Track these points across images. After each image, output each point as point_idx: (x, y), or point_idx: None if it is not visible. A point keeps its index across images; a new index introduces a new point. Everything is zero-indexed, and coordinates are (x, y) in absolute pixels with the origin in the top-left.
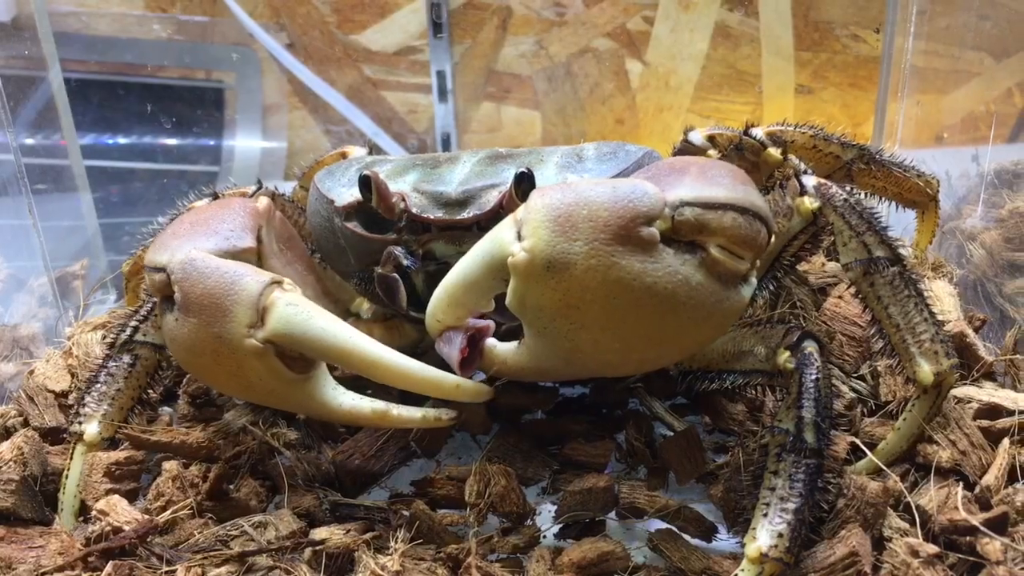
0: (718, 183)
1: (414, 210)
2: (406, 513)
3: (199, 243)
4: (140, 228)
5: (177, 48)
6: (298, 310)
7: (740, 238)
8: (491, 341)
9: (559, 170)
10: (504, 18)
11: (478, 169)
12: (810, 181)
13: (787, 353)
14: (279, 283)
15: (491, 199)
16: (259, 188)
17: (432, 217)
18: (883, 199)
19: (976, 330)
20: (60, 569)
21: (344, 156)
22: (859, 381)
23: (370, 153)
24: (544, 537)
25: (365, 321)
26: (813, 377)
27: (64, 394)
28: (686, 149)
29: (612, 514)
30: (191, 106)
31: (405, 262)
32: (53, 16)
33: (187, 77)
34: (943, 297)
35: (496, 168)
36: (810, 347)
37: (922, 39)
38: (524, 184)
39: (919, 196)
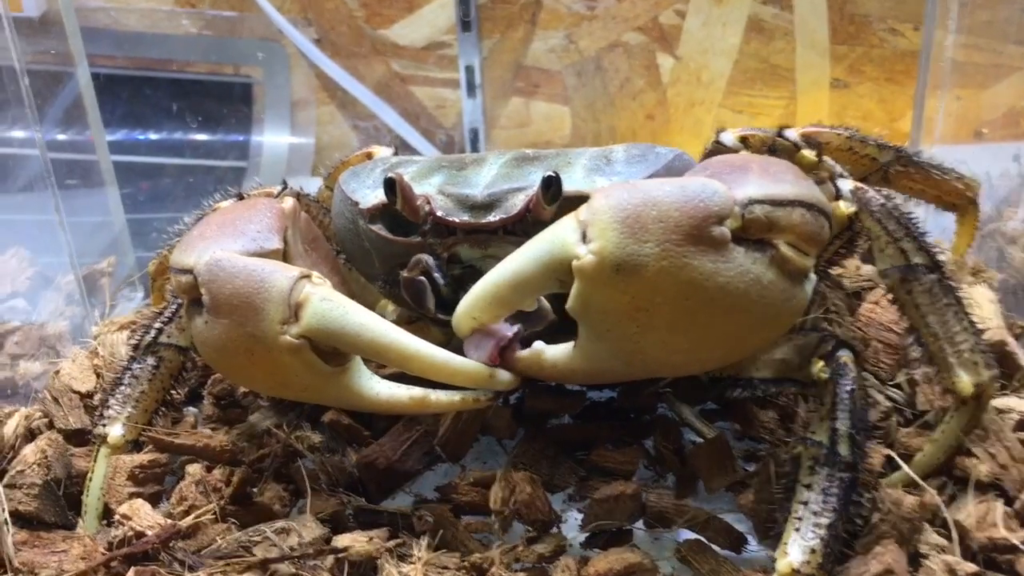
0: (783, 179)
1: (439, 213)
2: (430, 519)
3: (226, 244)
4: (168, 225)
5: (205, 43)
6: (333, 305)
7: (807, 234)
8: (539, 345)
9: (587, 173)
10: (533, 12)
11: (504, 172)
12: (846, 185)
13: (821, 363)
14: (308, 277)
15: (517, 203)
16: (284, 188)
17: (457, 220)
18: (921, 201)
19: (1017, 337)
20: (82, 574)
21: (370, 156)
22: (895, 389)
23: (396, 154)
24: (570, 546)
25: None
26: (848, 388)
27: (89, 395)
28: (717, 150)
29: (640, 523)
30: (219, 102)
31: (436, 274)
32: (81, 12)
33: (215, 72)
34: (983, 303)
35: (523, 171)
36: (845, 357)
37: (962, 33)
38: (552, 188)
39: (958, 199)
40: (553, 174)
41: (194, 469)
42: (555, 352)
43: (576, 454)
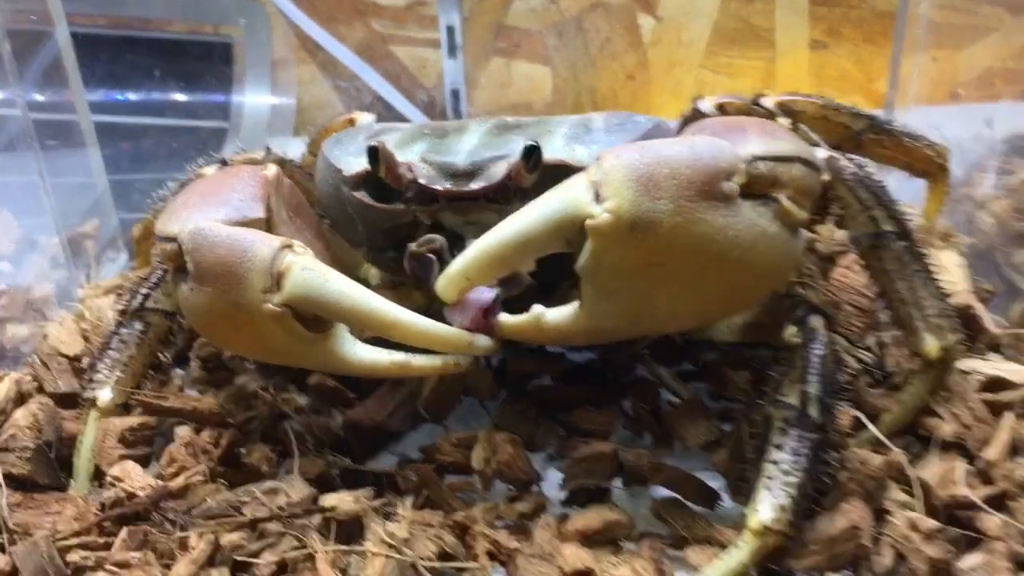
0: (780, 137)
1: (422, 181)
2: (414, 478)
3: (209, 213)
4: (150, 187)
5: (185, 3)
6: (314, 274)
7: (805, 188)
8: (539, 308)
9: (567, 141)
10: None
11: (486, 140)
12: (820, 154)
13: (793, 328)
14: (290, 246)
15: (499, 170)
16: (268, 154)
17: (440, 188)
18: (893, 168)
19: (983, 301)
20: (76, 534)
21: (352, 123)
22: (865, 352)
23: (378, 120)
24: (550, 504)
25: (374, 287)
26: (819, 353)
27: (78, 358)
28: (695, 118)
29: (618, 481)
30: (199, 61)
31: (446, 255)
32: None
33: (195, 32)
34: (951, 268)
35: (504, 139)
36: (815, 322)
37: None
38: (532, 157)
39: (929, 166)
40: (534, 143)
41: (183, 431)
42: (557, 315)
43: (557, 415)
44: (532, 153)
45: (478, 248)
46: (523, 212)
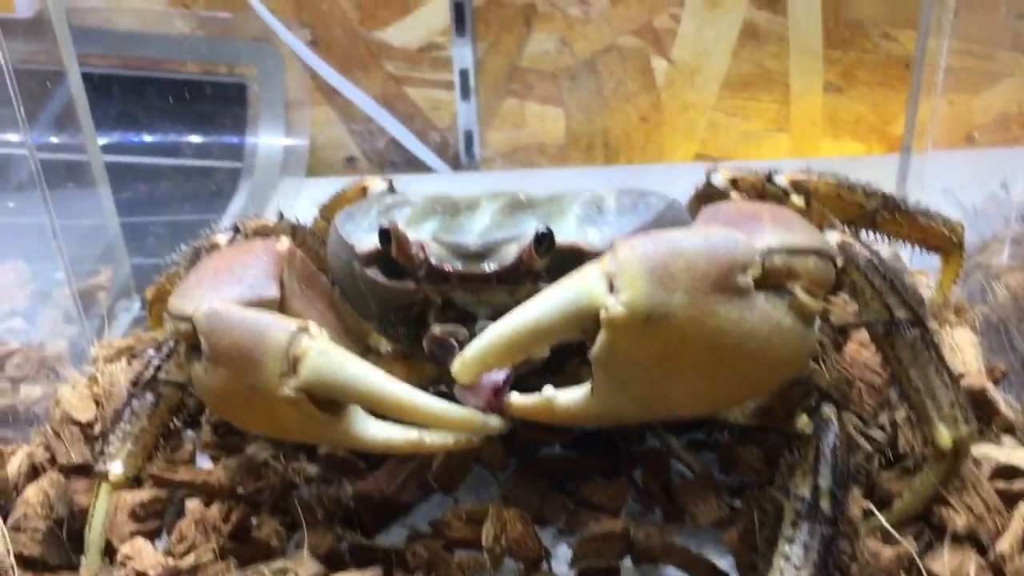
0: (795, 228)
1: (433, 261)
2: (424, 556)
3: (224, 292)
4: (164, 230)
5: (199, 44)
6: (329, 359)
7: (819, 280)
8: (550, 391)
9: (579, 223)
10: (528, 16)
11: (498, 219)
12: (833, 238)
13: (805, 417)
14: (306, 330)
15: (511, 252)
16: (280, 220)
17: (451, 269)
18: (906, 243)
19: (996, 381)
20: None
21: (364, 191)
22: (878, 430)
23: (390, 187)
24: None
25: (385, 358)
26: (830, 445)
27: (90, 424)
28: (709, 192)
29: (628, 559)
30: (214, 102)
31: (462, 340)
32: (75, 12)
33: (209, 73)
34: (964, 347)
35: (515, 219)
36: (828, 411)
37: (956, 38)
38: (544, 242)
39: (943, 242)
40: (546, 229)
41: (193, 505)
42: (568, 398)
43: (566, 485)
44: (544, 239)
45: (494, 335)
46: (538, 300)
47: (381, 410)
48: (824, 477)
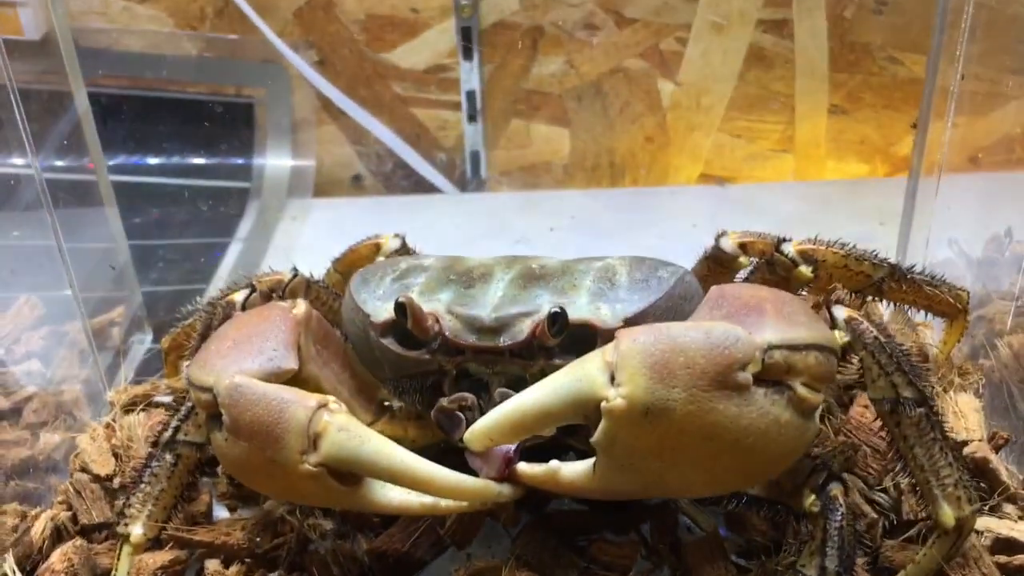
0: (797, 322)
1: (448, 334)
2: None
3: (244, 364)
4: (173, 254)
5: (206, 65)
6: (349, 435)
7: (820, 375)
8: (554, 464)
9: (591, 299)
10: (535, 38)
11: (511, 293)
12: (840, 314)
13: (812, 496)
14: (325, 406)
15: (524, 328)
16: (294, 276)
17: (465, 343)
18: (911, 309)
19: (998, 449)
20: None
21: (378, 248)
22: (882, 494)
23: (403, 244)
24: None
25: (399, 419)
26: (837, 525)
27: (109, 478)
28: (717, 256)
29: None
30: (221, 123)
31: (474, 413)
32: (82, 33)
33: (217, 93)
34: (968, 413)
35: (529, 293)
36: (835, 490)
37: (969, 62)
38: (557, 323)
39: (949, 309)
40: (559, 309)
41: (213, 567)
42: (571, 472)
43: (576, 541)
44: (557, 320)
45: (501, 415)
46: (543, 386)
47: (399, 484)
48: (831, 559)
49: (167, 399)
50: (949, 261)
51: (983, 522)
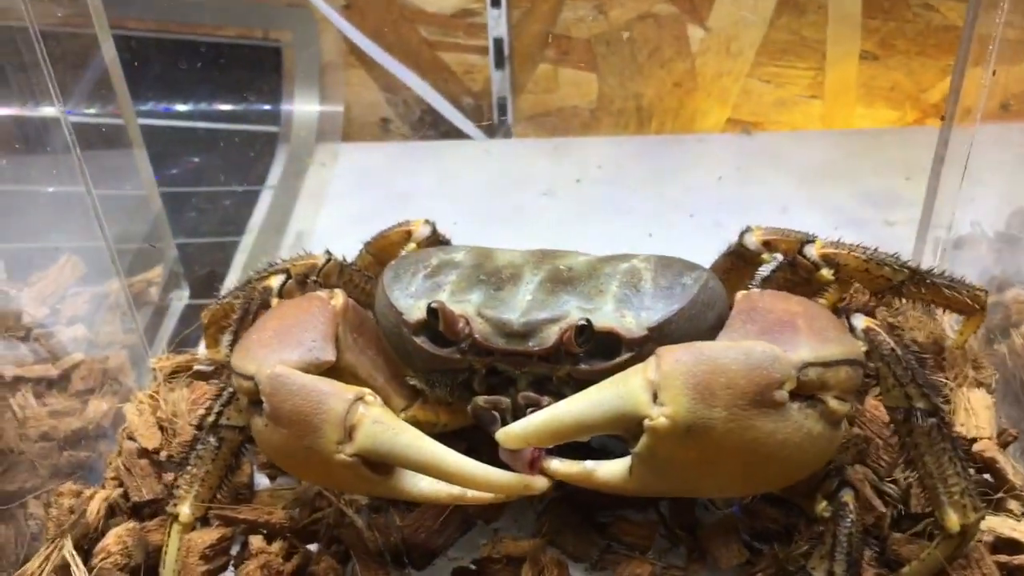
0: (828, 338)
1: (478, 337)
2: None
3: (284, 355)
4: (205, 204)
5: (234, 8)
6: (384, 427)
7: (851, 388)
8: (591, 464)
9: (617, 306)
10: None
11: (540, 298)
12: (859, 323)
13: (824, 503)
14: (361, 399)
15: (551, 335)
16: (328, 260)
17: (495, 346)
18: (930, 307)
19: (1006, 445)
20: None
21: (409, 235)
22: (891, 485)
23: (433, 232)
24: None
25: (432, 404)
26: (846, 531)
27: (156, 451)
28: (741, 252)
29: None
30: (249, 67)
31: (508, 416)
32: None
33: (245, 37)
34: (979, 411)
35: (557, 299)
36: (847, 496)
37: (1007, 11)
38: (584, 334)
39: (966, 308)
40: (585, 322)
41: (257, 542)
42: (607, 473)
43: (599, 516)
44: (583, 332)
45: (540, 420)
46: (585, 398)
47: (431, 475)
48: (839, 564)
49: (208, 368)
50: (973, 235)
51: (987, 521)
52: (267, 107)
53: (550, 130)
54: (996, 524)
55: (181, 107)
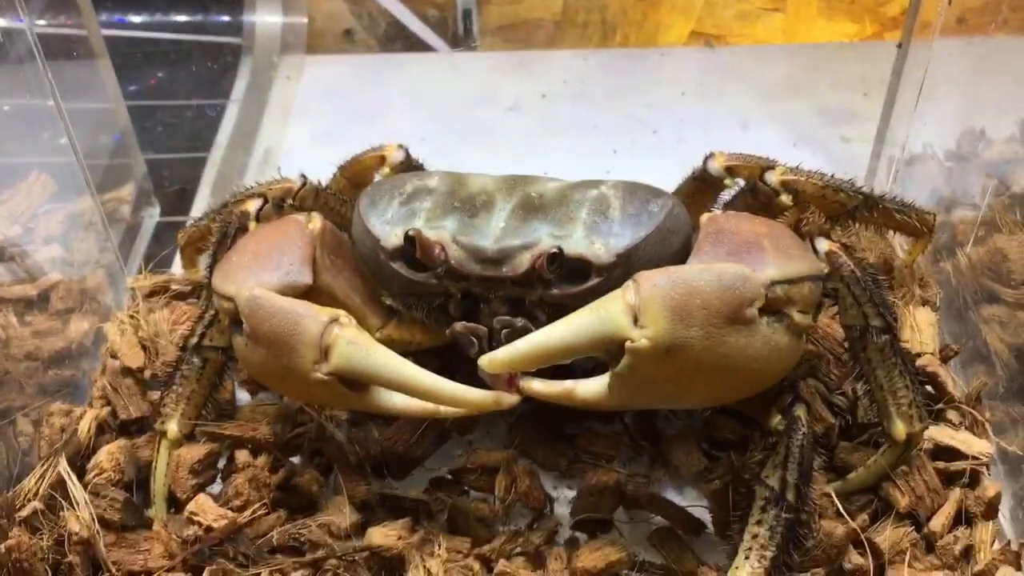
0: (792, 256)
1: (453, 263)
2: (446, 501)
3: (263, 277)
4: (171, 117)
5: None
6: (357, 348)
7: (813, 301)
8: (571, 383)
9: (587, 233)
10: None
11: (512, 224)
12: (822, 246)
13: (779, 417)
14: (336, 320)
15: (524, 261)
16: (303, 184)
17: (469, 271)
18: (881, 230)
19: (947, 359)
20: (167, 571)
21: (383, 160)
22: (840, 397)
23: (406, 157)
24: (561, 526)
25: (407, 324)
26: (799, 444)
27: (140, 370)
28: (704, 177)
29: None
30: None
31: (484, 342)
32: None
33: None
34: (924, 328)
35: (529, 225)
36: (799, 411)
37: None
38: (555, 262)
39: (916, 232)
40: (557, 250)
41: (243, 457)
42: (586, 390)
43: (566, 428)
44: (555, 260)
45: (523, 345)
46: (565, 324)
47: (404, 392)
48: (791, 473)
49: (186, 289)
50: (925, 155)
51: (928, 431)
52: (228, 18)
53: (515, 42)
54: (936, 433)
55: (139, 17)
